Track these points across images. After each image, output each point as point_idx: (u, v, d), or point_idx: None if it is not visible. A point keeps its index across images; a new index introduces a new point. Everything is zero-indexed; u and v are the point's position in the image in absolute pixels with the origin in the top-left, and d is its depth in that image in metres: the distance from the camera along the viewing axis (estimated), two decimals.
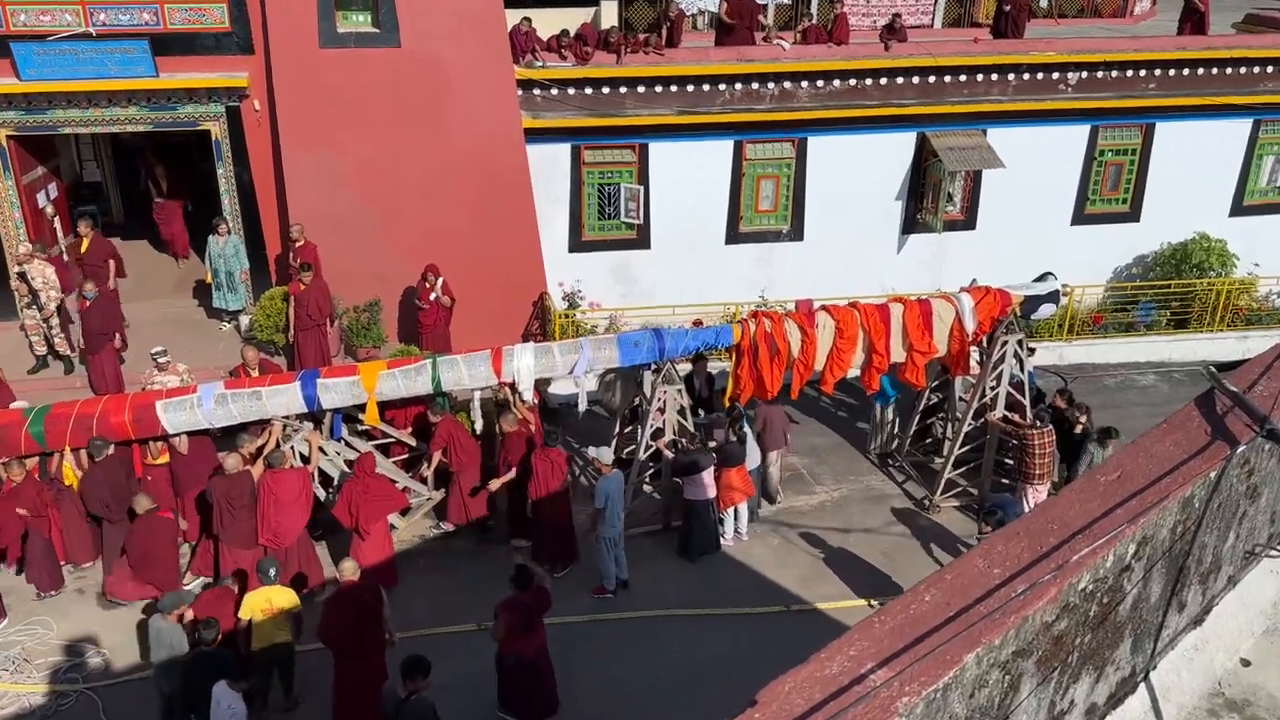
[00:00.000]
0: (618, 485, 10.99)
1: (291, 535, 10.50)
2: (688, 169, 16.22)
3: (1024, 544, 2.96)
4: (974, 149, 16.58)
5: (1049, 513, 3.07)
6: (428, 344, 14.10)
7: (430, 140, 14.71)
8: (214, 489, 10.34)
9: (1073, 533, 2.92)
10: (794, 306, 13.13)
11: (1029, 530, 3.00)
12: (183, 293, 15.95)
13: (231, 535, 10.43)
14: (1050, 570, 2.82)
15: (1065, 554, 2.87)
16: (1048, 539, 2.94)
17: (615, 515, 10.95)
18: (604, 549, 11.06)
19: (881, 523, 12.60)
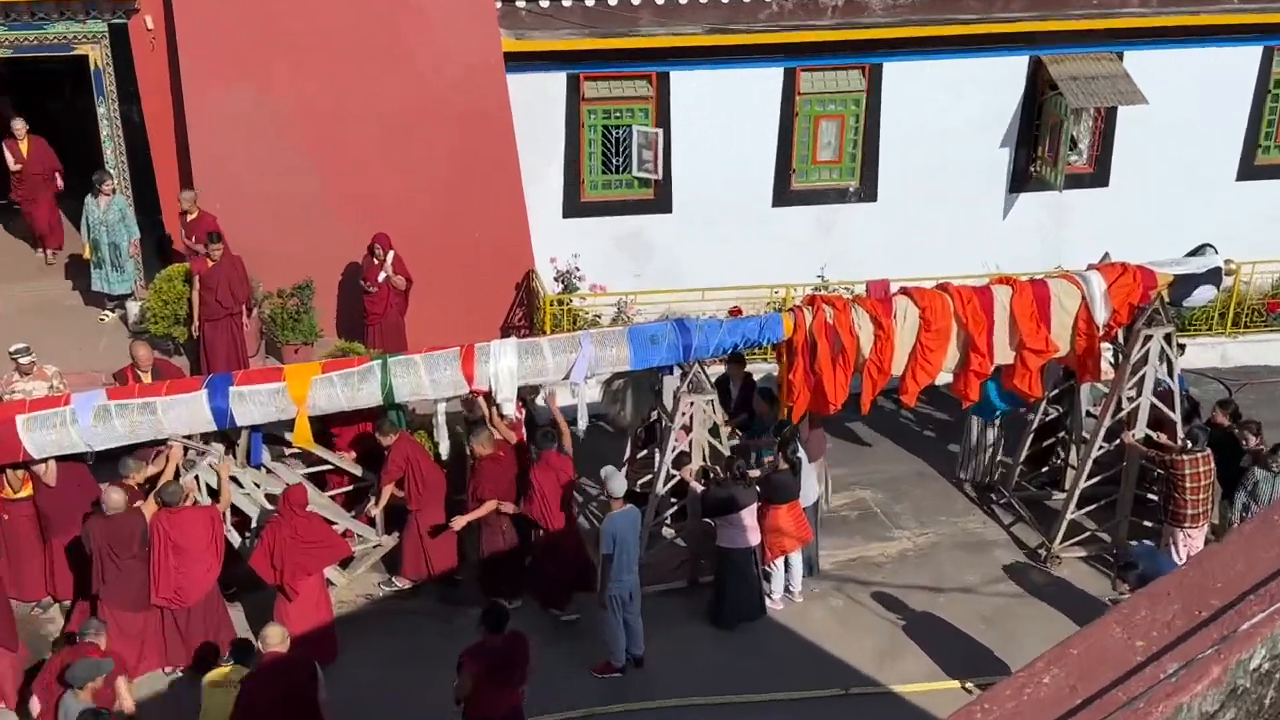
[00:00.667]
0: (630, 525, 10.98)
1: (196, 593, 10.53)
2: (722, 106, 16.24)
3: (1176, 608, 2.94)
4: (1106, 79, 16.51)
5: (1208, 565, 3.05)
6: (376, 340, 14.17)
7: (382, 71, 14.77)
8: (92, 533, 10.38)
9: (1242, 593, 2.90)
10: (864, 290, 13.12)
11: (1182, 589, 2.98)
12: (52, 273, 16.07)
13: (115, 593, 10.46)
14: (1212, 643, 2.80)
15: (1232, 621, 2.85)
16: (1208, 601, 2.92)
17: (627, 565, 10.94)
18: (612, 611, 11.06)
19: (981, 579, 12.60)
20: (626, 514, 10.99)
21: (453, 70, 14.94)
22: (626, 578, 10.97)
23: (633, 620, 11.21)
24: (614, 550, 10.79)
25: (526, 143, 15.58)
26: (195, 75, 14.48)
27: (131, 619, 10.55)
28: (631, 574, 11.03)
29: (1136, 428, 12.37)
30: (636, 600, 11.18)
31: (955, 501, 13.87)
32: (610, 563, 10.83)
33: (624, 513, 10.97)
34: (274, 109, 14.61)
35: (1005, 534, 13.30)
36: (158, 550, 10.37)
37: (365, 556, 12.10)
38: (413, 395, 11.54)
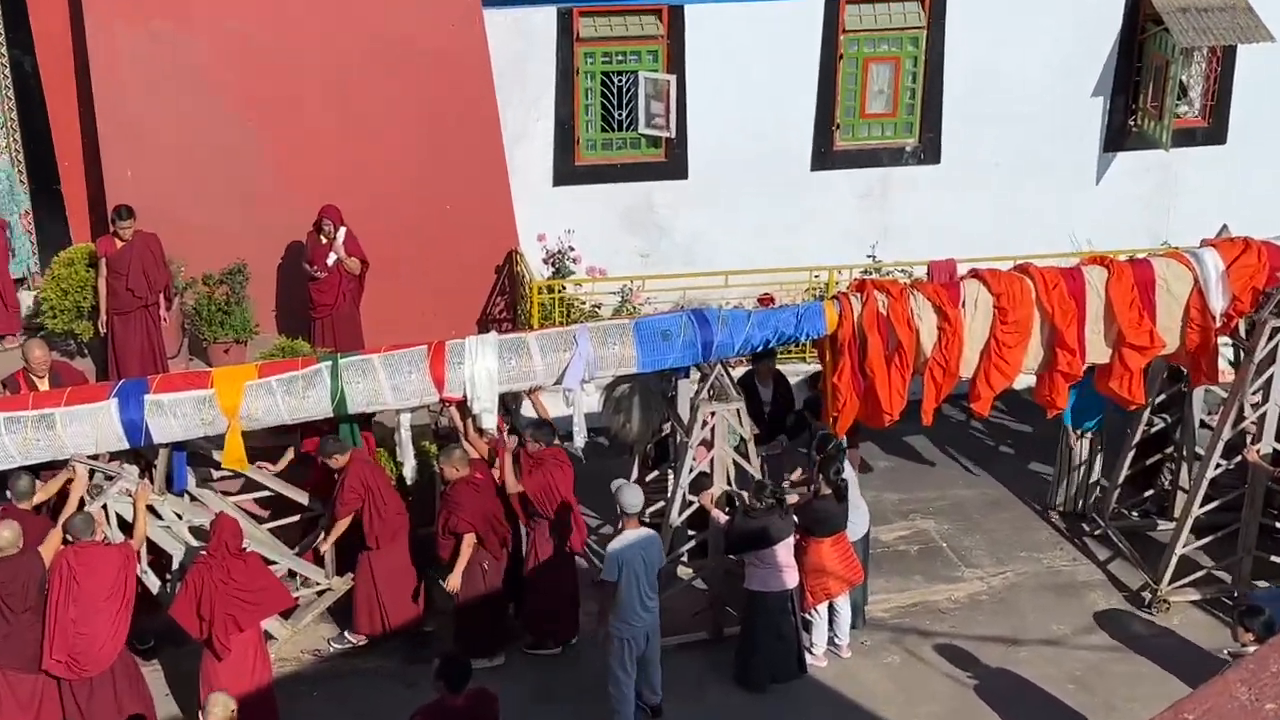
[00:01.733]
0: (643, 550, 10.98)
1: (100, 658, 10.46)
2: (749, 47, 16.35)
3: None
4: (1223, 11, 16.56)
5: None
6: (325, 336, 14.29)
7: (333, 8, 14.87)
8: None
9: None
10: (926, 273, 13.14)
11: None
12: None
13: (7, 653, 10.40)
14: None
15: None
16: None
17: (641, 601, 10.95)
18: (622, 656, 11.04)
19: (1071, 629, 12.64)
20: (640, 537, 10.95)
21: (419, 7, 15.03)
22: (641, 616, 10.91)
23: (651, 661, 11.26)
24: (619, 577, 10.73)
25: (509, 93, 15.71)
26: (100, 13, 14.54)
27: (28, 682, 10.50)
28: (649, 612, 11.03)
29: (1263, 441, 12.39)
30: (655, 641, 11.22)
31: (1038, 533, 13.94)
32: (616, 595, 10.81)
33: (636, 535, 10.93)
34: (198, 54, 14.68)
35: (1101, 573, 13.37)
36: (56, 596, 10.30)
37: (312, 604, 12.13)
38: (370, 404, 11.58)
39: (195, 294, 14.59)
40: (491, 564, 11.74)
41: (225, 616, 10.56)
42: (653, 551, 11.07)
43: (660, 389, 12.26)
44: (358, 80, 15.00)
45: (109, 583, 10.45)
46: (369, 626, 12.00)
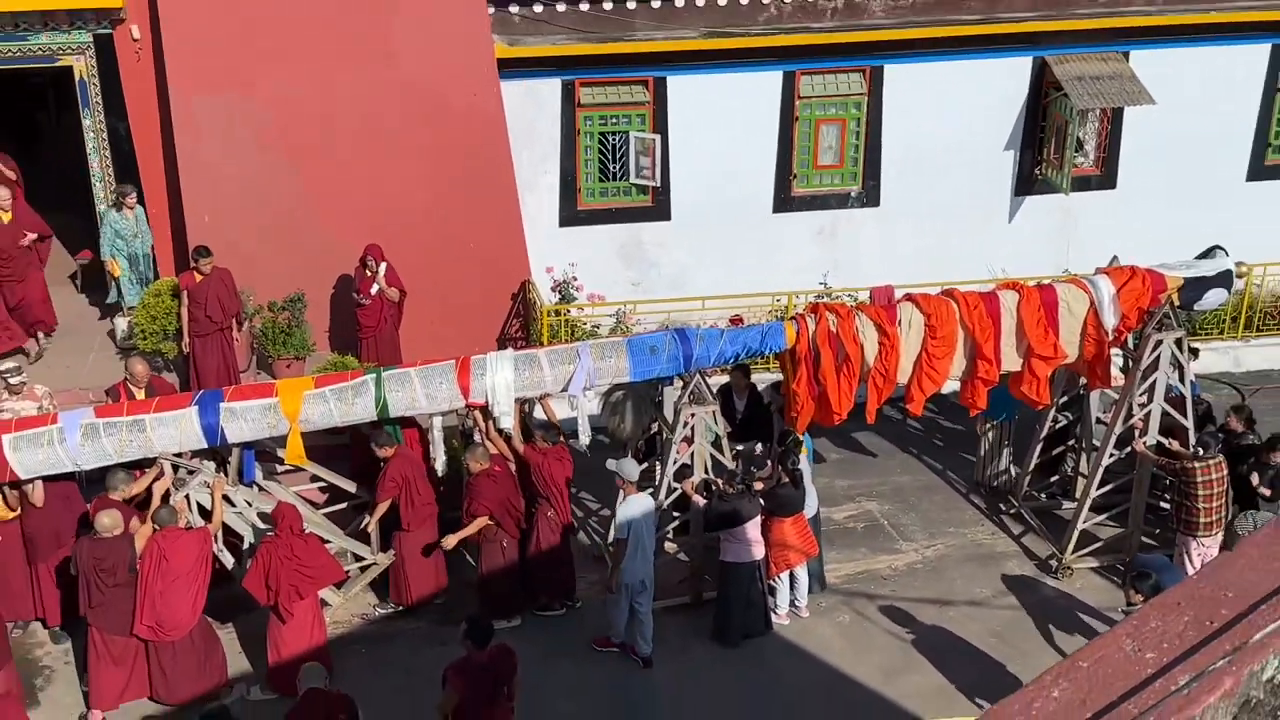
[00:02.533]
0: (645, 512, 11.09)
1: (181, 626, 10.48)
2: (721, 111, 16.31)
3: (1187, 618, 2.95)
4: (1112, 79, 16.58)
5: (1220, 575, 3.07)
6: (370, 353, 14.20)
7: (372, 77, 14.85)
8: (82, 554, 10.36)
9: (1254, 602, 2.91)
10: (868, 297, 13.15)
11: (1194, 599, 2.99)
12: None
13: (104, 617, 10.46)
14: (1224, 653, 2.82)
15: (1245, 631, 2.86)
16: (1220, 611, 2.93)
17: (641, 551, 11.12)
18: (623, 595, 11.26)
19: (992, 591, 12.62)
20: (640, 500, 11.19)
21: (445, 77, 15.01)
22: (639, 565, 11.16)
23: (643, 614, 11.39)
24: (628, 535, 10.99)
25: (521, 150, 15.66)
26: (181, 84, 14.54)
27: (121, 643, 10.55)
28: (647, 562, 11.23)
29: (1148, 434, 12.40)
30: (650, 591, 11.34)
31: (963, 512, 13.91)
32: (623, 549, 11.00)
33: (638, 499, 11.18)
34: (261, 117, 14.67)
35: (1015, 545, 13.33)
36: (146, 573, 10.34)
37: (361, 576, 12.10)
38: (408, 409, 11.55)
39: (262, 319, 14.52)
40: (509, 542, 11.73)
41: (289, 587, 10.58)
42: (651, 511, 11.31)
43: (649, 395, 12.25)
44: (395, 139, 14.97)
45: (191, 562, 10.49)
46: (396, 596, 12.00)
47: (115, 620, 10.49)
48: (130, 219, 14.54)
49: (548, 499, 11.68)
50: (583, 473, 12.86)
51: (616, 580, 11.26)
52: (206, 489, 11.23)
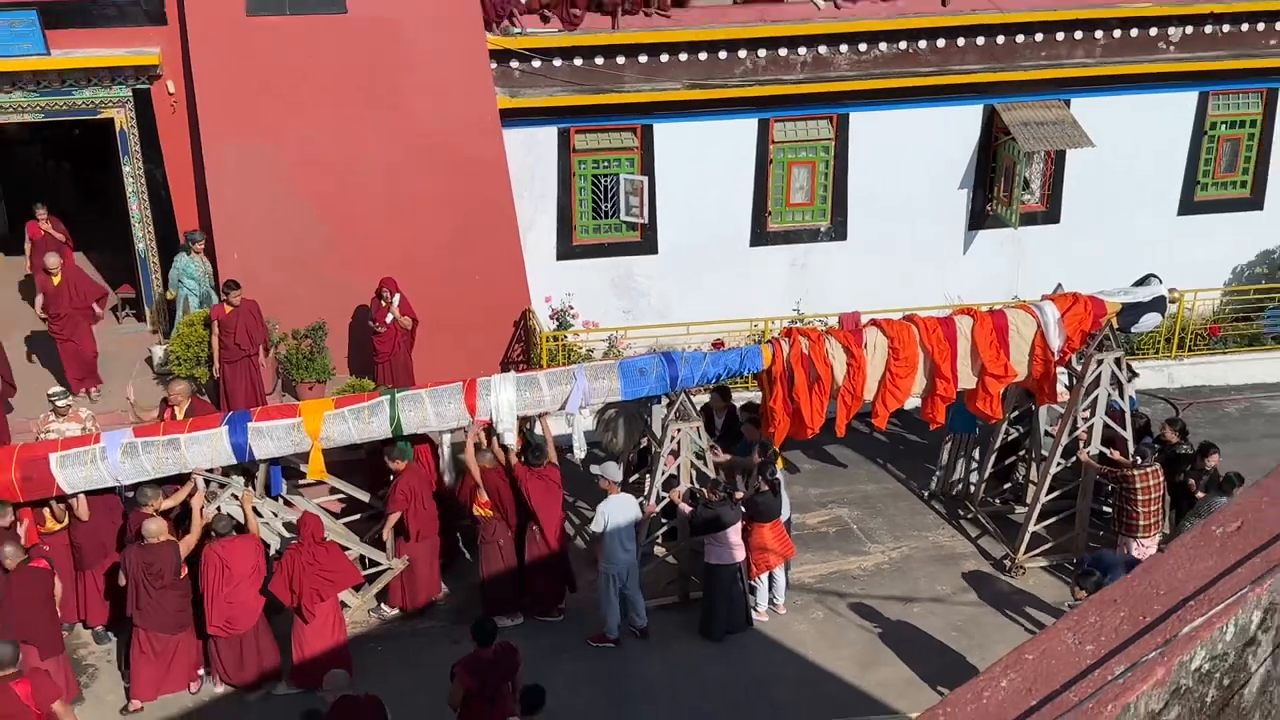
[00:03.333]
0: (622, 508, 11.21)
1: (247, 621, 10.55)
2: (702, 155, 16.35)
3: (1123, 614, 2.97)
4: (1055, 124, 16.66)
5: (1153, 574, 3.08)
6: (385, 376, 14.15)
7: (386, 126, 14.85)
8: (131, 560, 10.34)
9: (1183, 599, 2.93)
10: (837, 322, 13.17)
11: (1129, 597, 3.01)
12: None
13: (149, 618, 10.45)
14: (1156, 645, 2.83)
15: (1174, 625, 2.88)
16: (1152, 607, 2.95)
17: (621, 545, 11.21)
18: (607, 587, 11.29)
19: (953, 589, 12.60)
20: (618, 498, 11.28)
21: (453, 126, 15.03)
22: (621, 557, 11.29)
23: (632, 594, 11.52)
24: (604, 529, 11.09)
25: (522, 191, 15.67)
26: (213, 134, 14.55)
27: (164, 640, 10.59)
28: (627, 553, 11.34)
29: (1091, 445, 12.42)
30: (634, 576, 11.46)
31: (925, 517, 13.89)
32: (602, 541, 11.10)
33: (617, 498, 11.26)
34: (286, 163, 14.67)
35: (973, 547, 13.31)
36: (211, 580, 10.38)
37: (377, 579, 12.06)
38: (419, 427, 11.53)
39: (286, 346, 14.47)
40: (505, 542, 11.63)
41: (311, 590, 10.54)
42: (629, 509, 11.38)
43: (639, 412, 12.24)
44: (407, 182, 14.97)
45: (250, 565, 10.56)
46: (400, 599, 11.95)
47: (159, 619, 10.51)
48: (199, 261, 14.46)
49: (535, 516, 11.53)
50: (581, 482, 12.88)
51: (601, 569, 11.34)
52: (236, 502, 11.20)
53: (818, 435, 12.26)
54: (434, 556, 11.92)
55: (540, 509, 11.42)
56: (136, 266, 15.50)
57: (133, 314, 15.98)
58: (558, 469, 11.68)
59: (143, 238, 15.24)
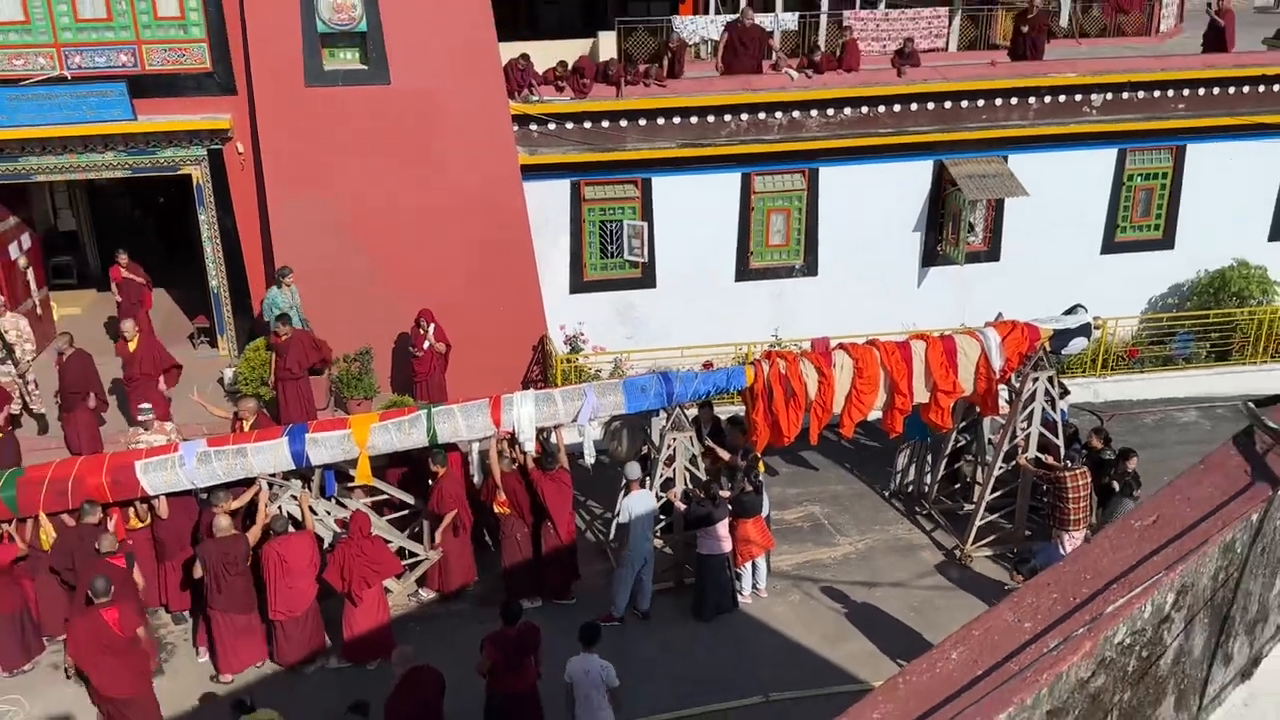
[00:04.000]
0: (642, 501, 11.14)
1: (303, 606, 10.55)
2: (693, 203, 16.41)
3: (1055, 595, 2.97)
4: (995, 176, 16.72)
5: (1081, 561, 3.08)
6: (422, 394, 14.16)
7: (423, 179, 14.91)
8: (209, 553, 10.32)
9: (1107, 582, 2.93)
10: (810, 346, 13.17)
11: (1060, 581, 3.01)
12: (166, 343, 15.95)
13: (226, 601, 10.45)
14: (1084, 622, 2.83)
15: (1099, 605, 2.88)
16: (1080, 589, 2.95)
17: (643, 535, 11.14)
18: (627, 569, 11.26)
19: (910, 575, 12.53)
20: (641, 495, 11.24)
21: (479, 179, 15.08)
22: (643, 545, 11.23)
23: (645, 581, 11.48)
24: (629, 521, 11.06)
25: (539, 234, 15.71)
26: (276, 186, 14.61)
27: (241, 620, 10.58)
28: (647, 542, 11.29)
29: (1029, 451, 12.41)
30: (651, 564, 11.44)
31: (887, 513, 13.84)
32: (627, 531, 11.03)
33: (639, 494, 11.22)
34: (336, 210, 14.72)
35: (927, 539, 13.26)
36: (272, 573, 10.35)
37: (416, 568, 12.03)
38: (452, 437, 11.49)
39: (338, 367, 14.54)
40: (522, 536, 11.57)
41: (359, 578, 10.51)
42: (648, 503, 11.33)
43: (641, 424, 12.22)
44: (442, 227, 15.02)
45: (305, 559, 10.52)
46: (435, 584, 11.90)
47: (233, 602, 10.47)
48: (288, 294, 14.33)
49: (549, 514, 11.46)
50: (591, 484, 12.84)
51: (625, 555, 11.28)
52: (295, 501, 11.20)
53: (794, 443, 12.23)
54: (466, 547, 11.86)
55: (554, 508, 11.36)
56: (210, 300, 15.53)
57: (207, 341, 16.00)
58: (569, 473, 11.63)
59: (215, 276, 15.27)
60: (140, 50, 14.11)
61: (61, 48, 13.88)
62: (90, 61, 14.00)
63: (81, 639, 9.20)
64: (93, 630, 9.16)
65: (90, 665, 9.19)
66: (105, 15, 13.88)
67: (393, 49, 14.51)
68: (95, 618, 9.21)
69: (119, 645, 9.24)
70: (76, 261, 17.68)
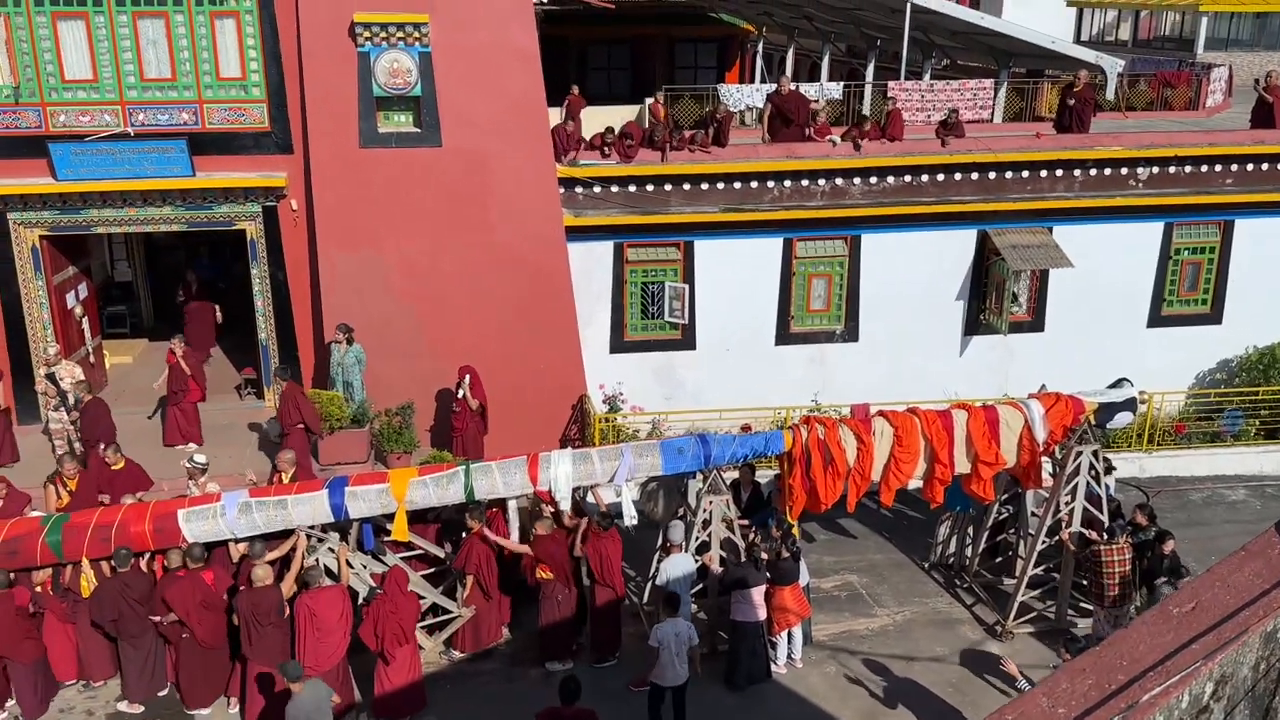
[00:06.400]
0: (680, 564, 10.97)
1: (331, 661, 10.45)
2: (735, 267, 16.52)
3: (1090, 681, 2.93)
4: (1039, 247, 16.68)
5: (1118, 646, 3.05)
6: (461, 449, 14.25)
7: (470, 239, 15.16)
8: (242, 603, 10.37)
9: (1144, 669, 2.89)
10: (849, 412, 13.13)
11: (1097, 666, 2.97)
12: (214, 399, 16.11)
13: (260, 652, 10.45)
14: (1119, 710, 2.79)
15: (1135, 693, 2.84)
16: (1116, 676, 2.91)
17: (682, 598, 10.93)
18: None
19: (949, 650, 12.32)
20: (679, 559, 11.14)
21: (526, 240, 15.31)
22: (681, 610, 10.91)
23: None
24: (665, 584, 10.95)
25: (582, 294, 15.88)
26: (328, 244, 14.92)
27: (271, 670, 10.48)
28: (685, 605, 11.05)
29: (1072, 526, 12.21)
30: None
31: (926, 584, 13.65)
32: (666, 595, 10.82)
33: (677, 557, 11.13)
34: (386, 268, 15.00)
35: (968, 613, 13.04)
36: (302, 626, 10.31)
37: (447, 625, 12.01)
38: (489, 494, 11.50)
39: (379, 421, 14.68)
40: (564, 596, 11.56)
41: (392, 636, 10.48)
42: (688, 567, 11.24)
43: (677, 486, 12.21)
44: (486, 286, 15.21)
45: (338, 611, 10.47)
46: (466, 643, 11.87)
47: (265, 653, 10.42)
48: (340, 351, 14.31)
49: (600, 572, 11.44)
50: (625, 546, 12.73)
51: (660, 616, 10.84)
52: (332, 554, 11.25)
53: (831, 510, 12.11)
54: (497, 607, 11.82)
55: (605, 566, 11.36)
56: (259, 352, 15.83)
57: (253, 392, 16.25)
58: (618, 532, 11.61)
59: (264, 328, 15.56)
60: (202, 109, 14.58)
61: (126, 105, 14.39)
62: (153, 119, 14.48)
63: (186, 597, 10.54)
64: (195, 589, 10.59)
65: (195, 620, 10.62)
66: (170, 75, 14.40)
67: (445, 113, 14.87)
68: (196, 578, 10.62)
69: (216, 602, 10.69)
70: (130, 312, 18.13)
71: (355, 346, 14.41)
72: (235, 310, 16.98)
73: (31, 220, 14.61)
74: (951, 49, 22.96)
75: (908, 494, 13.39)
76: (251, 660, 10.49)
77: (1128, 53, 31.68)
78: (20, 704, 10.72)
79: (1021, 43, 19.24)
